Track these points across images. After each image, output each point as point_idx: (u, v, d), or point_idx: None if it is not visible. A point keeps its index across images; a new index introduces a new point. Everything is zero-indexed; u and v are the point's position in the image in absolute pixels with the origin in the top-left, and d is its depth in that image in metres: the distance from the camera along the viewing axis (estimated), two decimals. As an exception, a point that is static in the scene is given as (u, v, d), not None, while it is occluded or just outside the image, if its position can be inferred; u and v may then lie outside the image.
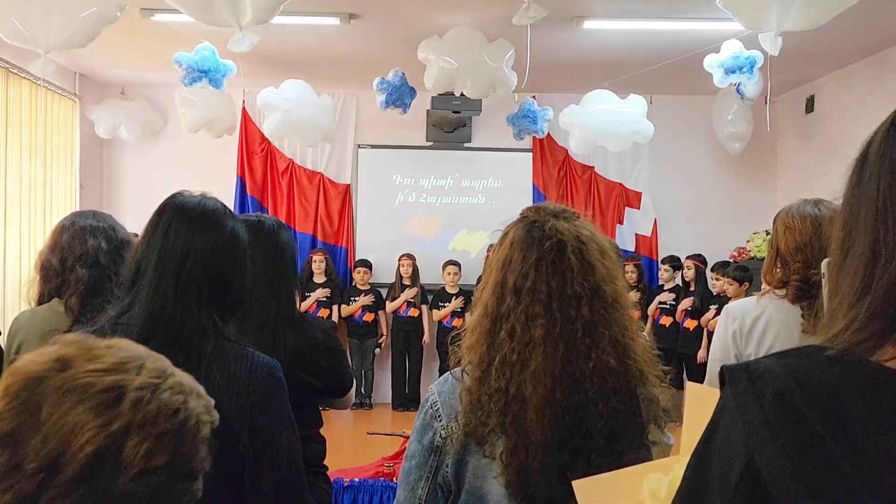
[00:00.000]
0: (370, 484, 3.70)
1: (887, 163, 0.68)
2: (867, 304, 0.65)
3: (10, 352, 2.02)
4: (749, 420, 0.64)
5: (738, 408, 0.66)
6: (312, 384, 1.96)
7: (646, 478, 0.90)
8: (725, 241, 7.29)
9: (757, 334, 2.06)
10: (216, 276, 1.40)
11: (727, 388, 0.68)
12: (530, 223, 1.30)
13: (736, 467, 0.64)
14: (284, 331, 1.91)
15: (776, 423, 0.62)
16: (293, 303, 2.01)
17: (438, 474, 1.30)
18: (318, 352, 1.96)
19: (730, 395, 0.68)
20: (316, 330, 1.99)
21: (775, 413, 0.63)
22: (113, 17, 4.05)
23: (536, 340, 1.23)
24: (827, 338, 0.67)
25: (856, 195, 0.70)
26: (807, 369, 0.65)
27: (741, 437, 0.64)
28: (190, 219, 1.41)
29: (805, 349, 0.69)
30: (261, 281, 1.90)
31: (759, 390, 0.65)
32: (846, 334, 0.65)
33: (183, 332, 1.35)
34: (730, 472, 0.65)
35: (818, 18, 3.85)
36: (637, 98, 6.44)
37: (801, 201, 2.09)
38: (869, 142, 0.72)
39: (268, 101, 6.15)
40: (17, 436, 0.76)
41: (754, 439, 0.63)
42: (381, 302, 7.31)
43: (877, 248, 0.66)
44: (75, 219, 2.11)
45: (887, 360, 0.64)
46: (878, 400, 0.62)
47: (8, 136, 5.91)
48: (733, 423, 0.66)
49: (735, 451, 0.65)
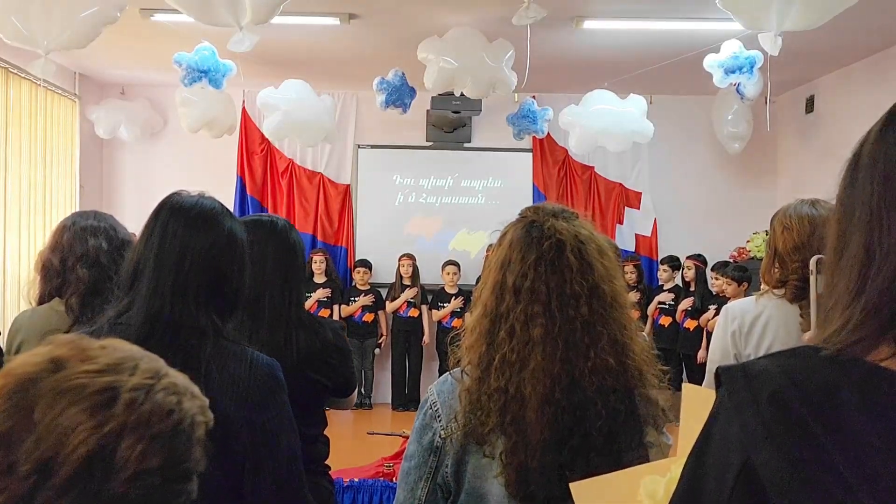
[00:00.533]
0: (370, 484, 3.70)
1: (881, 164, 0.68)
2: (862, 304, 0.65)
3: (11, 352, 2.02)
4: (746, 421, 0.64)
5: (735, 408, 0.65)
6: (323, 384, 1.96)
7: (643, 479, 0.90)
8: (725, 241, 7.29)
9: (756, 334, 2.06)
10: (214, 276, 1.39)
11: (723, 389, 0.68)
12: (529, 223, 1.30)
13: (733, 468, 0.64)
14: (297, 331, 1.91)
15: (773, 423, 0.62)
16: (303, 304, 2.02)
17: (438, 474, 1.30)
18: (329, 351, 1.96)
19: (726, 396, 0.67)
20: (327, 329, 1.99)
21: (772, 413, 0.63)
22: (113, 18, 4.05)
23: (535, 340, 1.23)
24: (822, 338, 0.67)
25: (849, 196, 0.70)
26: (802, 369, 0.65)
27: (738, 437, 0.64)
28: (187, 218, 1.40)
29: (801, 349, 0.69)
30: (274, 281, 1.90)
31: (755, 391, 0.65)
32: (841, 334, 0.65)
33: (181, 332, 1.35)
34: (727, 474, 0.64)
35: (818, 18, 3.84)
36: (637, 98, 6.44)
37: (798, 201, 2.09)
38: (862, 143, 0.72)
39: (268, 102, 6.15)
40: (10, 437, 0.76)
41: (751, 440, 0.63)
42: (381, 302, 7.31)
43: (871, 249, 0.66)
44: (76, 219, 2.11)
45: (883, 359, 0.64)
46: (874, 399, 0.62)
47: (8, 137, 5.91)
48: (730, 424, 0.66)
49: (732, 452, 0.65)
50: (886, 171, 0.67)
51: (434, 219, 7.68)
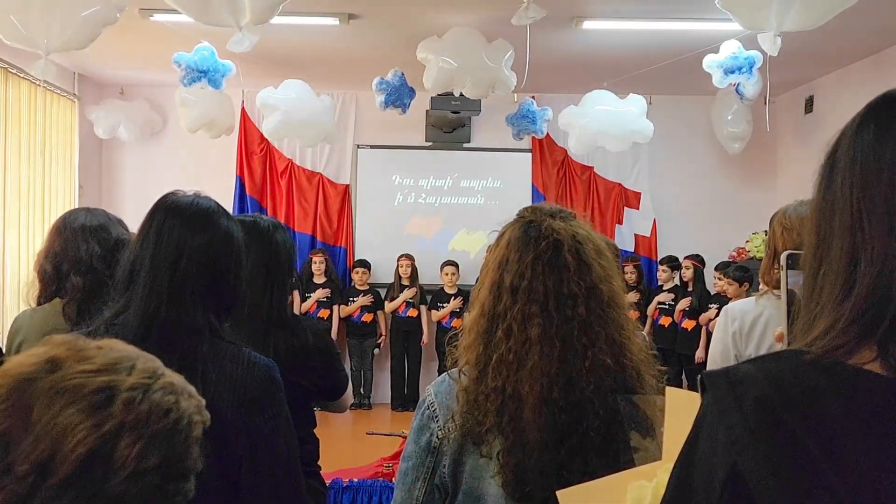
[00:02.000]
0: (369, 484, 3.70)
1: (858, 164, 0.67)
2: (848, 308, 0.65)
3: (10, 352, 2.01)
4: (731, 426, 0.64)
5: (720, 414, 0.65)
6: (304, 386, 1.95)
7: (630, 485, 0.90)
8: (725, 242, 7.30)
9: (756, 334, 2.06)
10: (211, 276, 1.39)
11: (707, 395, 0.68)
12: (527, 223, 1.30)
13: (719, 473, 0.64)
14: (276, 332, 1.91)
15: (757, 428, 0.62)
16: (286, 304, 2.01)
17: (435, 475, 1.30)
18: (310, 354, 1.96)
19: (711, 402, 0.67)
20: (307, 332, 1.98)
21: (756, 418, 0.62)
22: (113, 19, 4.05)
23: (533, 339, 1.23)
24: (806, 342, 0.67)
25: (827, 199, 0.70)
26: (787, 374, 0.65)
27: (723, 443, 0.64)
28: (183, 218, 1.40)
29: (785, 353, 0.68)
30: (254, 282, 1.90)
31: (739, 396, 0.64)
32: (826, 338, 0.65)
33: (178, 332, 1.35)
34: (713, 479, 0.64)
35: (817, 19, 3.84)
36: (636, 97, 6.44)
37: (797, 202, 2.10)
38: (836, 143, 0.71)
39: (267, 102, 6.15)
40: (8, 438, 0.76)
41: (737, 446, 0.63)
42: (380, 302, 7.31)
43: (854, 254, 0.65)
44: (67, 220, 2.08)
45: (865, 363, 0.64)
46: (858, 402, 0.62)
47: (7, 137, 5.91)
48: (715, 430, 0.65)
49: (718, 457, 0.64)
50: (864, 172, 0.66)
51: (433, 219, 7.68)
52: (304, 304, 6.99)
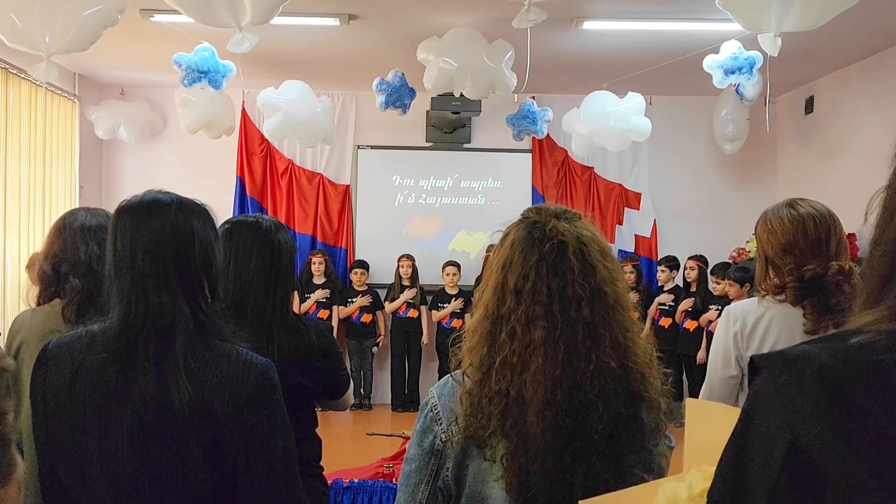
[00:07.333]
0: (370, 485, 3.69)
1: None
2: None
3: (10, 352, 2.00)
4: (790, 400, 0.62)
5: (777, 390, 0.64)
6: (307, 386, 1.95)
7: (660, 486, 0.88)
8: (725, 242, 7.29)
9: (758, 336, 2.05)
10: (170, 265, 1.36)
11: (763, 374, 0.67)
12: (531, 224, 1.29)
13: (779, 449, 0.62)
14: (279, 332, 1.90)
15: (821, 399, 0.61)
16: (288, 304, 2.00)
17: (439, 478, 1.29)
18: (313, 354, 1.95)
19: (767, 380, 0.66)
20: (311, 332, 1.98)
21: (819, 389, 0.61)
22: (113, 20, 4.04)
23: (537, 342, 1.22)
24: (856, 326, 0.66)
25: None
26: (847, 349, 0.63)
27: (782, 417, 0.63)
28: (133, 213, 1.39)
29: (835, 335, 0.67)
30: (256, 282, 1.90)
31: (798, 371, 0.63)
32: (882, 324, 0.64)
33: (153, 326, 1.33)
34: (772, 456, 0.63)
35: (817, 19, 3.84)
36: (634, 95, 6.42)
37: (774, 206, 2.10)
38: None
39: (267, 102, 6.14)
40: None
41: (798, 417, 0.61)
42: (379, 302, 7.30)
43: None
44: (67, 221, 2.07)
45: None
46: None
47: (7, 137, 5.90)
48: (772, 406, 0.64)
49: (776, 432, 0.63)
50: None
51: (434, 219, 7.68)
52: (304, 304, 6.98)
